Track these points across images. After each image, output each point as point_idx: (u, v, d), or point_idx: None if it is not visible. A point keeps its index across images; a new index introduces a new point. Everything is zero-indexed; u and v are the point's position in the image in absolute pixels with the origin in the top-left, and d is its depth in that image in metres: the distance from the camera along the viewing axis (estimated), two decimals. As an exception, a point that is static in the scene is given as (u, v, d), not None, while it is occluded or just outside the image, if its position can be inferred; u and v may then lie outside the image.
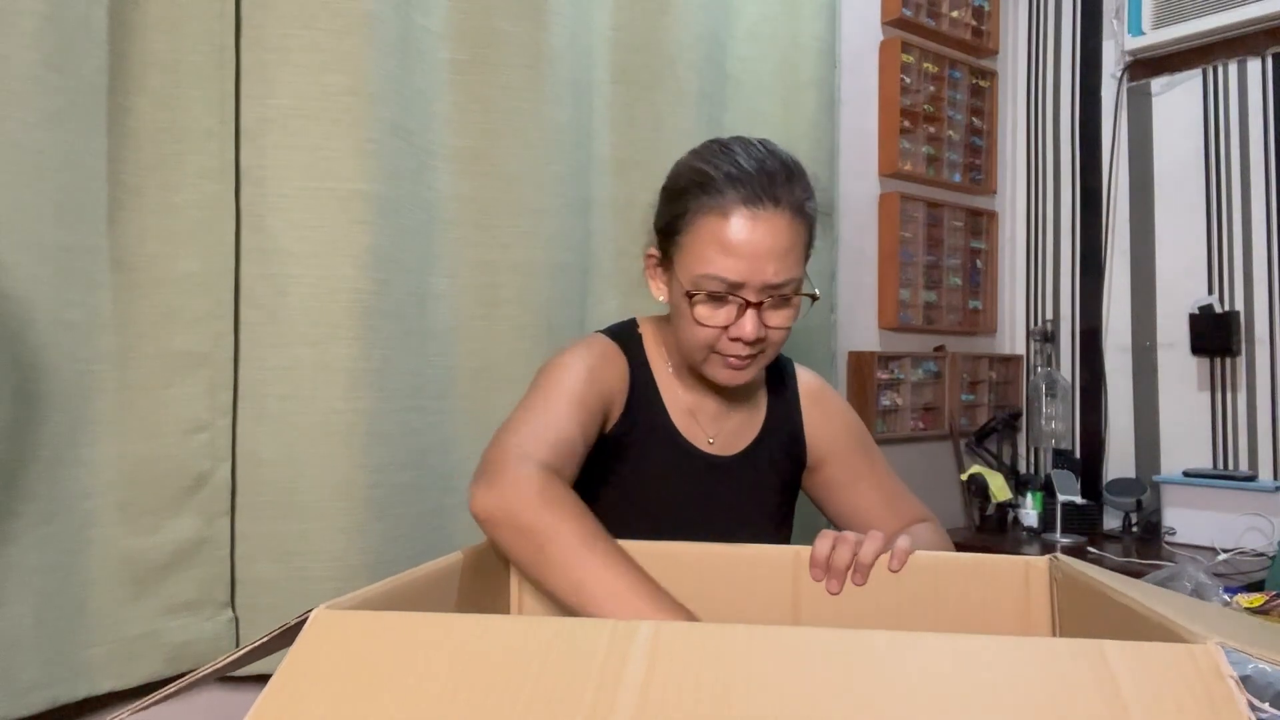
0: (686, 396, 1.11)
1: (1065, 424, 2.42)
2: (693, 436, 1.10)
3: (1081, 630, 0.71)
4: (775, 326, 0.99)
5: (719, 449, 1.12)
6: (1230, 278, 2.19)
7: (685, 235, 0.99)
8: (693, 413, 1.11)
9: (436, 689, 0.39)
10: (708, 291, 0.97)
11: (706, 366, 1.03)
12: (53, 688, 1.05)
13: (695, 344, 1.01)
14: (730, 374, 1.02)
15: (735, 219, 0.95)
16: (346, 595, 0.49)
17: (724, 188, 0.96)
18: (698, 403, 1.11)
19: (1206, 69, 2.24)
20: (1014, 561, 0.81)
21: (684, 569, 0.85)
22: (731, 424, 1.13)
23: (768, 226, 0.95)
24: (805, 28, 1.90)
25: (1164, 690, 0.37)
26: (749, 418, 1.15)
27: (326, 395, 1.24)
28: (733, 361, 1.00)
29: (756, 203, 0.95)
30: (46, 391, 1.04)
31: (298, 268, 1.23)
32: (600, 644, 0.40)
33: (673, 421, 1.09)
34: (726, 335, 0.99)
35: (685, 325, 1.01)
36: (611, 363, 1.06)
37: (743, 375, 1.02)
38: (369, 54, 1.26)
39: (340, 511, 1.24)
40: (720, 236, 0.95)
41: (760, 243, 0.95)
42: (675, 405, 1.10)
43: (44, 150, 1.03)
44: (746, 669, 0.38)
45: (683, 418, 1.10)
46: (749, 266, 0.95)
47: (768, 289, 0.96)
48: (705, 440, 1.11)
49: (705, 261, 0.96)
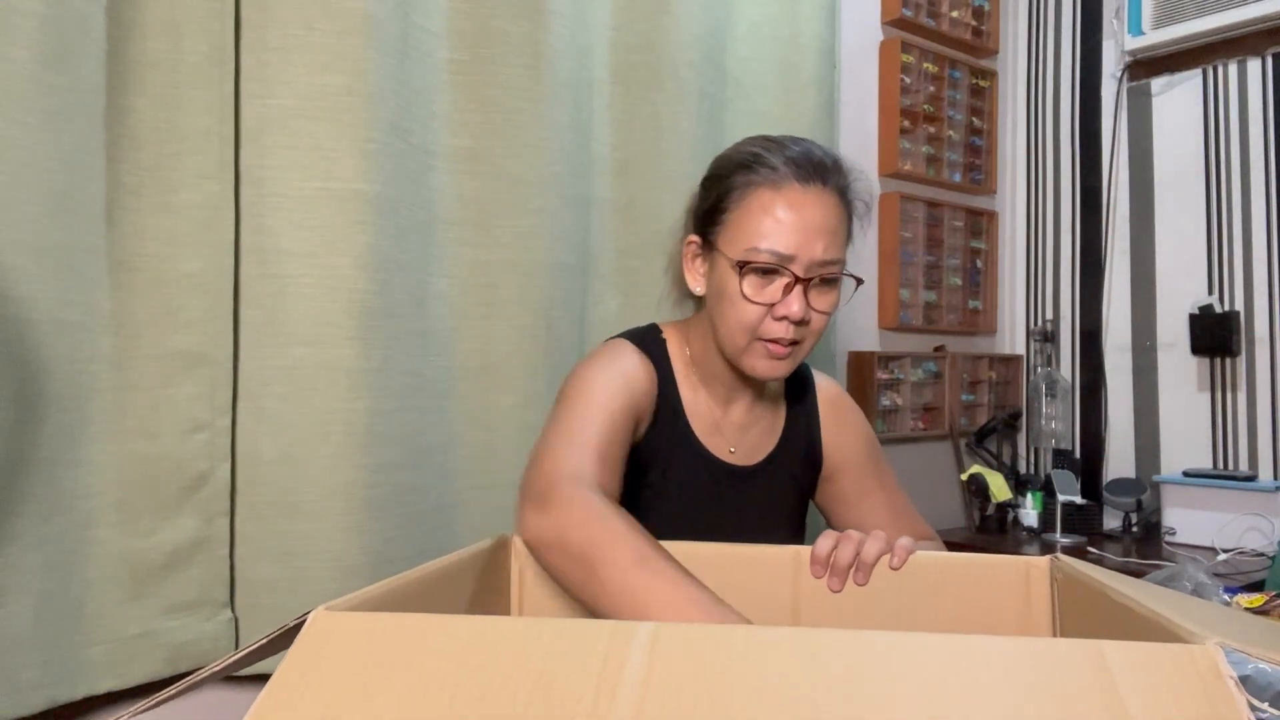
0: (710, 407, 1.10)
1: (1065, 424, 2.42)
2: (715, 447, 1.09)
3: (1082, 631, 0.71)
4: (820, 310, 0.98)
5: (740, 459, 1.11)
6: (1230, 278, 2.19)
7: (733, 211, 0.98)
8: (716, 423, 1.10)
9: (435, 691, 0.38)
10: (758, 264, 0.95)
11: (746, 357, 1.00)
12: (52, 687, 1.05)
13: (738, 327, 0.98)
14: (770, 364, 0.99)
15: (789, 191, 0.95)
16: (345, 596, 0.49)
17: (776, 164, 0.97)
18: (721, 413, 1.11)
19: (1206, 69, 2.24)
20: (1015, 562, 0.81)
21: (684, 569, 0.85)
22: (752, 434, 1.13)
23: (819, 203, 0.96)
24: (805, 28, 1.90)
25: (1163, 691, 0.37)
26: (769, 427, 1.14)
27: (326, 395, 1.24)
28: (774, 349, 0.98)
29: (808, 179, 0.96)
30: (45, 391, 1.04)
31: (297, 267, 1.23)
32: (599, 645, 0.40)
33: (695, 432, 1.08)
34: (771, 315, 0.97)
35: (728, 309, 0.99)
36: (641, 371, 1.04)
37: (782, 366, 1.00)
38: (368, 54, 1.26)
39: (340, 511, 1.24)
40: (772, 208, 0.95)
41: (812, 217, 0.95)
42: (698, 415, 1.09)
43: (43, 150, 1.02)
44: (746, 670, 0.38)
45: (705, 427, 1.09)
46: (800, 240, 0.94)
47: (816, 265, 0.96)
48: (727, 450, 1.10)
49: (756, 234, 0.95)
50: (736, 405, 1.11)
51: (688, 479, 1.07)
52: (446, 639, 0.41)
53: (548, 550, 0.79)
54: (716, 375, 1.08)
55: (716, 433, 1.10)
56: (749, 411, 1.12)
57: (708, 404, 1.10)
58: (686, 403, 1.08)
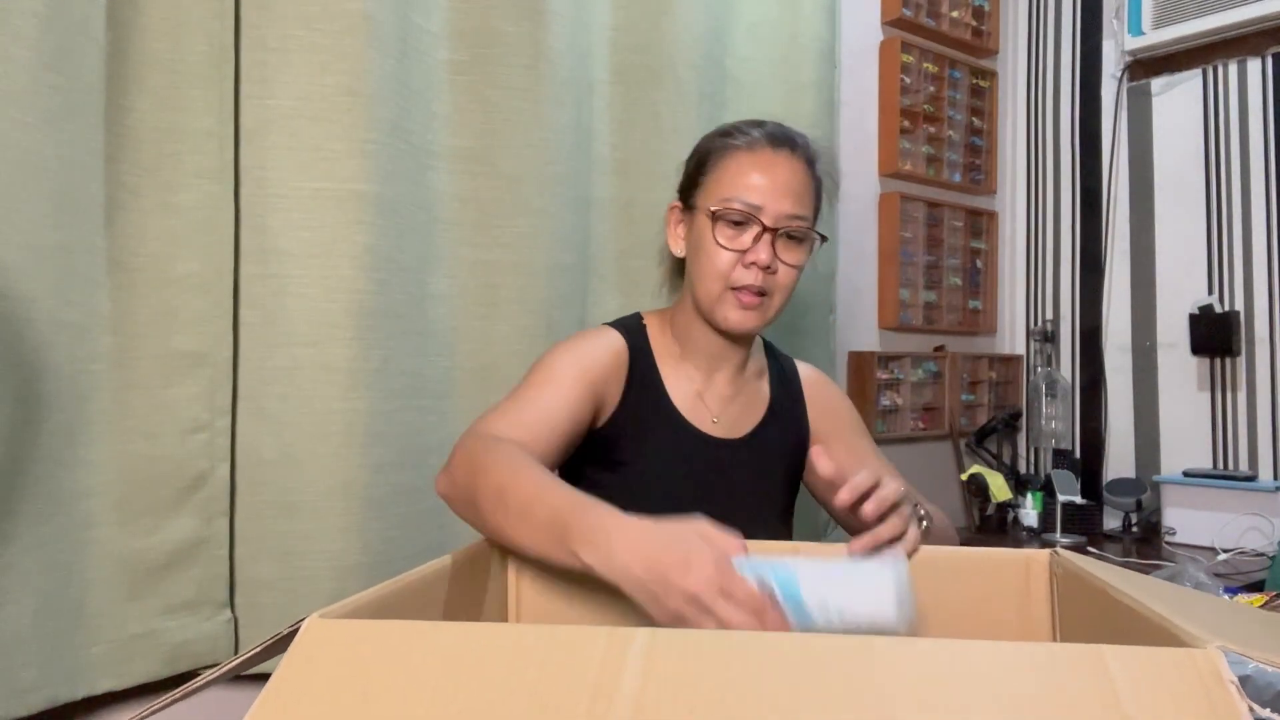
0: (691, 378, 1.14)
1: (1065, 424, 2.42)
2: (696, 418, 1.12)
3: (1081, 625, 0.71)
4: (787, 262, 1.07)
5: (724, 431, 1.13)
6: (1230, 278, 2.19)
7: (710, 174, 1.09)
8: (698, 394, 1.13)
9: (430, 699, 0.38)
10: (731, 211, 1.05)
11: (719, 306, 1.07)
12: (51, 687, 1.05)
13: (712, 273, 1.06)
14: (741, 314, 1.07)
15: (760, 153, 1.07)
16: (339, 603, 0.49)
17: (749, 130, 1.09)
18: (703, 384, 1.14)
19: (1206, 69, 2.24)
20: (1015, 556, 0.80)
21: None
22: (736, 407, 1.15)
23: (787, 164, 1.07)
24: (805, 28, 1.90)
25: (1164, 696, 0.37)
26: (753, 402, 1.17)
27: (326, 395, 1.24)
28: (744, 298, 1.06)
29: (778, 145, 1.08)
30: (45, 392, 1.04)
31: (297, 268, 1.23)
32: (596, 652, 0.39)
33: (674, 403, 1.11)
34: (741, 263, 1.05)
35: (704, 258, 1.07)
36: (607, 347, 1.10)
37: (752, 316, 1.07)
38: (368, 54, 1.26)
39: (339, 511, 1.24)
40: (744, 166, 1.07)
41: (780, 175, 1.06)
42: (678, 387, 1.13)
43: (43, 150, 1.02)
44: (743, 676, 0.38)
45: (686, 399, 1.12)
46: (769, 194, 1.05)
47: (783, 218, 1.05)
48: (709, 421, 1.13)
49: (730, 188, 1.06)
50: (719, 376, 1.15)
51: (666, 449, 1.09)
52: (440, 647, 0.41)
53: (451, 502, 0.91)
54: (698, 346, 1.13)
55: (699, 404, 1.13)
56: (732, 383, 1.15)
57: (689, 377, 1.14)
58: (666, 376, 1.13)
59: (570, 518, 0.75)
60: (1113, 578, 0.64)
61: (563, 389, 1.02)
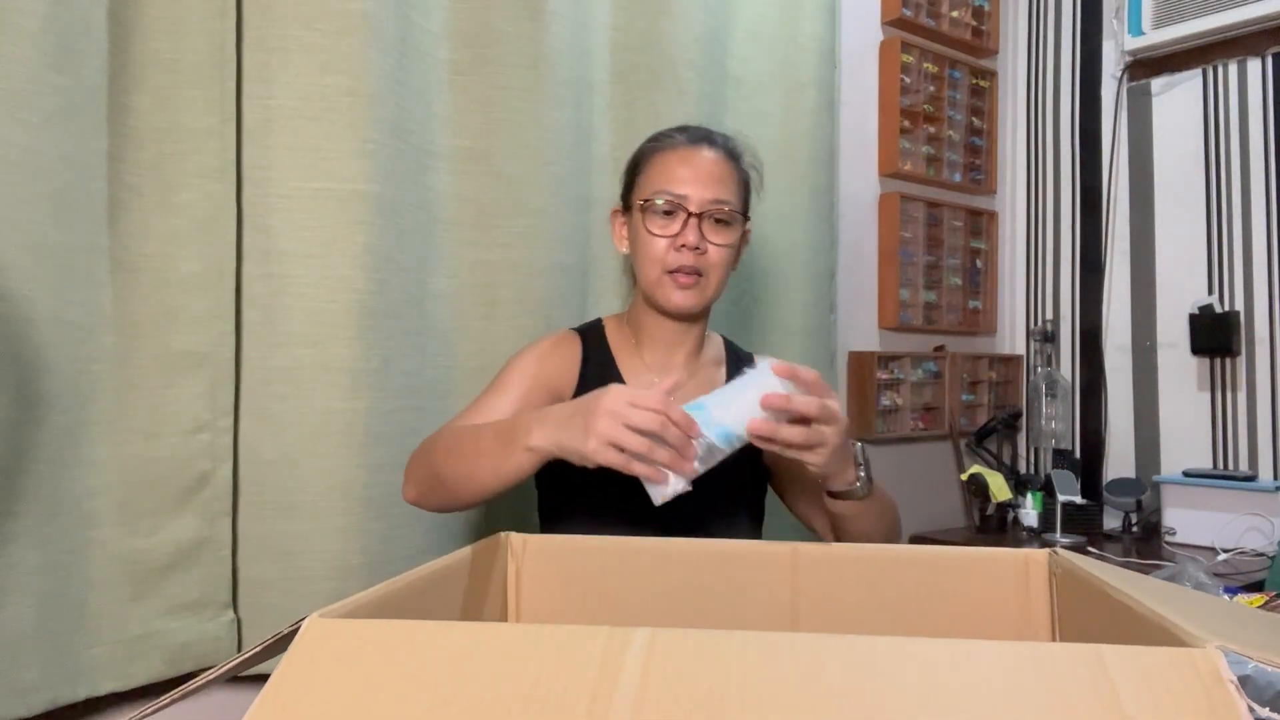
0: (648, 365, 1.22)
1: (1065, 424, 2.42)
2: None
3: (1080, 626, 0.71)
4: (715, 243, 1.15)
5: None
6: (1230, 278, 2.19)
7: (641, 175, 1.20)
8: (651, 372, 1.21)
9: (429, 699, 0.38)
10: (660, 202, 1.15)
11: (660, 291, 1.16)
12: (53, 688, 1.05)
13: (649, 260, 1.16)
14: (681, 294, 1.16)
15: (681, 150, 1.18)
16: (339, 602, 0.49)
17: (673, 134, 1.21)
18: (656, 360, 1.22)
19: (1206, 69, 2.24)
20: (1014, 556, 0.81)
21: (681, 566, 0.85)
22: (693, 386, 1.21)
23: (708, 158, 1.17)
24: (805, 28, 1.90)
25: (1164, 696, 0.37)
26: (711, 382, 1.22)
27: (327, 395, 1.24)
28: (681, 279, 1.15)
29: (697, 141, 1.19)
30: (47, 391, 1.04)
31: (298, 268, 1.23)
32: (595, 651, 0.39)
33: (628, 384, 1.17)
34: (673, 246, 1.15)
35: (642, 248, 1.17)
36: (560, 347, 1.21)
37: (692, 296, 1.16)
38: (368, 54, 1.26)
39: (340, 511, 1.24)
40: (669, 163, 1.17)
41: (700, 167, 1.16)
42: (634, 374, 1.21)
43: (44, 150, 1.03)
44: (743, 676, 0.38)
45: (639, 380, 1.20)
46: (691, 183, 1.15)
47: (707, 203, 1.14)
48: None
49: (657, 182, 1.16)
50: (674, 360, 1.23)
51: None
52: (440, 646, 0.41)
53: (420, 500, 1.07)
54: (651, 334, 1.22)
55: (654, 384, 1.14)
56: (686, 366, 1.23)
57: (646, 364, 1.22)
58: (621, 364, 1.22)
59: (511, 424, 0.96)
60: (1112, 577, 0.64)
61: (514, 394, 1.14)
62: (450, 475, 1.00)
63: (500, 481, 0.95)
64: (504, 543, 0.87)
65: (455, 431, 1.04)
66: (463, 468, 0.98)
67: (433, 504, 1.06)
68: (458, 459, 0.99)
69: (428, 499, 1.06)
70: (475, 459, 0.97)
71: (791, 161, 1.88)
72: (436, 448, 1.04)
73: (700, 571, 0.85)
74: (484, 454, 0.96)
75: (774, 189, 1.86)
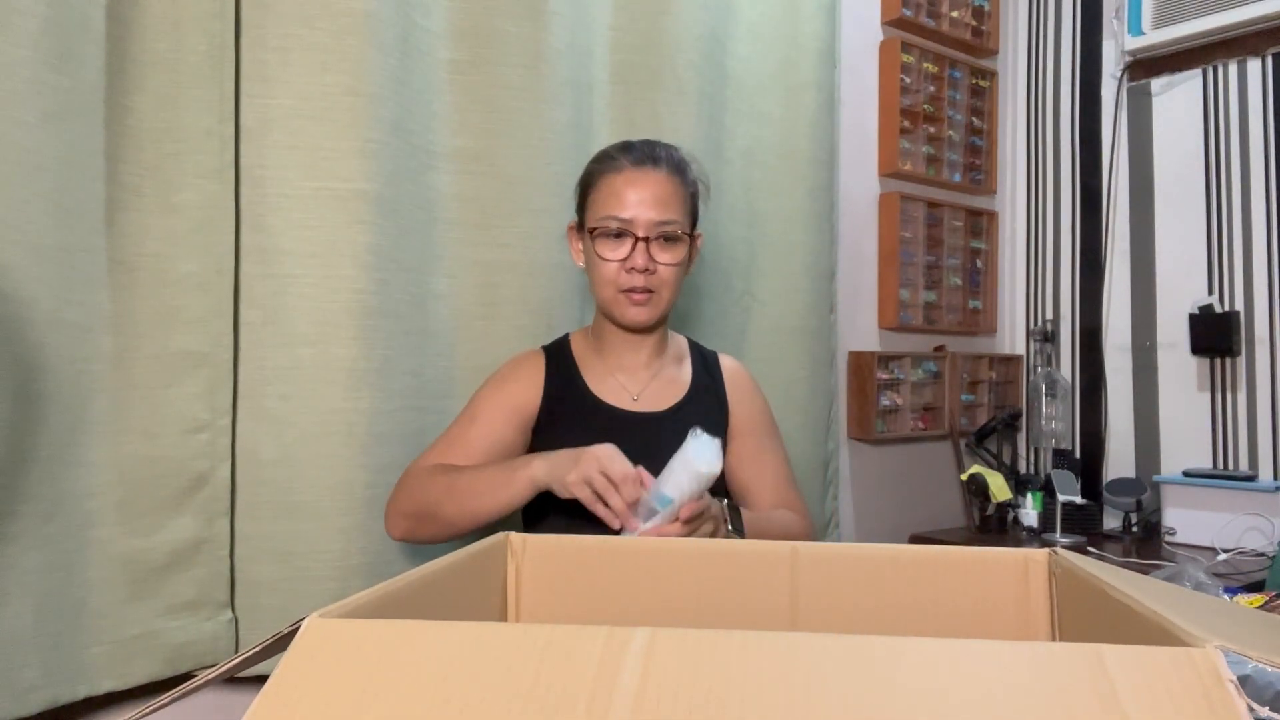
0: (609, 361, 1.27)
1: (1065, 424, 2.42)
2: (615, 398, 1.25)
3: (1080, 626, 0.71)
4: (663, 262, 1.21)
5: (645, 405, 1.27)
6: (1230, 278, 2.19)
7: (590, 196, 1.24)
8: (615, 375, 1.27)
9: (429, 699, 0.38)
10: (606, 229, 1.20)
11: (615, 308, 1.22)
12: (52, 688, 1.05)
13: (602, 282, 1.22)
14: (635, 310, 1.21)
15: (626, 173, 1.21)
16: (339, 602, 0.49)
17: (617, 155, 1.24)
18: (619, 362, 1.27)
19: (1206, 69, 2.24)
20: (1013, 556, 0.80)
21: (681, 565, 0.85)
22: (657, 384, 1.28)
23: (652, 178, 1.20)
24: (805, 27, 1.90)
25: (1163, 695, 0.37)
26: (675, 380, 1.30)
27: (326, 395, 1.24)
28: (635, 297, 1.21)
29: (642, 163, 1.21)
30: (46, 391, 1.04)
31: (298, 267, 1.23)
32: (594, 652, 0.39)
33: (591, 389, 1.25)
34: (623, 269, 1.20)
35: (594, 270, 1.23)
36: (520, 368, 1.27)
37: (645, 311, 1.22)
38: (369, 54, 1.26)
39: (339, 511, 1.24)
40: (615, 187, 1.20)
41: (645, 189, 1.20)
42: (598, 379, 1.26)
43: (43, 150, 1.03)
44: (742, 676, 0.38)
45: (604, 383, 1.26)
46: (637, 207, 1.19)
47: (653, 225, 1.19)
48: (629, 399, 1.26)
49: (605, 207, 1.21)
50: (635, 361, 1.28)
51: (588, 431, 1.17)
52: (440, 646, 0.41)
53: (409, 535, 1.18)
54: (611, 340, 1.27)
55: (618, 388, 1.27)
56: (649, 366, 1.29)
57: (609, 368, 1.27)
58: (585, 371, 1.27)
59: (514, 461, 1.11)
60: (1112, 577, 0.64)
61: (481, 420, 1.21)
62: (450, 512, 1.12)
63: (499, 509, 1.10)
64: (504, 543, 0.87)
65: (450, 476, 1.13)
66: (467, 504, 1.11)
67: (421, 537, 1.17)
68: (460, 497, 1.11)
69: (416, 533, 1.17)
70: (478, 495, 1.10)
71: (791, 161, 1.88)
72: (430, 488, 1.14)
73: (700, 571, 0.85)
74: (489, 486, 1.10)
75: (774, 189, 1.86)
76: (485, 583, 0.82)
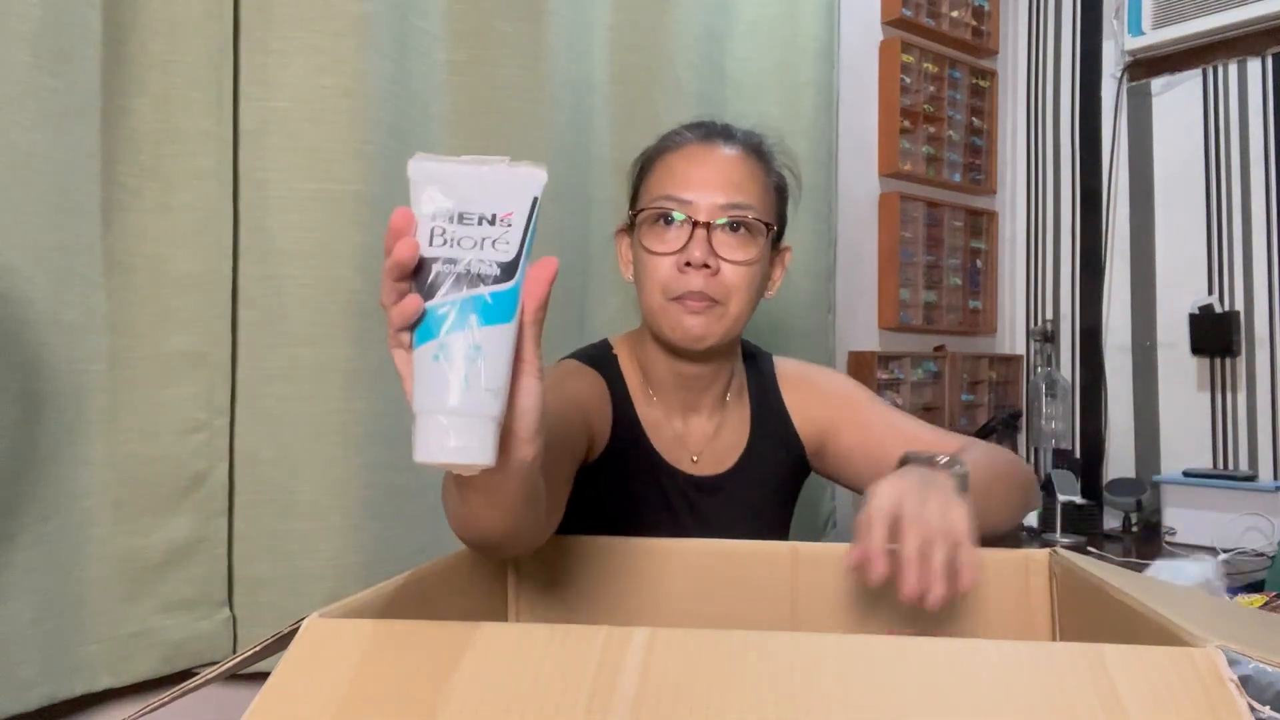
0: (668, 418, 1.05)
1: (1065, 424, 2.42)
2: (675, 458, 1.04)
3: (1080, 625, 0.71)
4: (731, 259, 0.93)
5: (705, 468, 1.06)
6: (1230, 278, 2.19)
7: (646, 182, 1.00)
8: (677, 435, 1.05)
9: (429, 698, 0.38)
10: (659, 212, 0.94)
11: (666, 320, 0.95)
12: (50, 684, 1.05)
13: (651, 286, 0.95)
14: (692, 321, 0.93)
15: (688, 149, 0.97)
16: (339, 602, 0.49)
17: (682, 132, 1.00)
18: (681, 424, 1.06)
19: (1206, 69, 2.23)
20: (1014, 556, 0.80)
21: (680, 565, 0.85)
22: (718, 443, 1.07)
23: (721, 155, 0.96)
24: (804, 28, 1.90)
25: (1163, 695, 0.37)
26: (735, 431, 1.08)
27: (324, 395, 1.24)
28: (690, 304, 0.93)
29: (707, 138, 0.98)
30: (43, 392, 1.04)
31: (295, 268, 1.23)
32: (594, 651, 0.39)
33: (653, 445, 1.03)
34: (678, 266, 0.93)
35: (641, 272, 0.97)
36: (590, 392, 0.99)
37: (703, 323, 0.93)
38: (367, 56, 1.26)
39: (337, 511, 1.24)
40: (673, 164, 0.97)
41: (712, 166, 0.95)
42: (657, 430, 1.04)
43: (40, 151, 1.02)
44: (742, 676, 0.38)
45: (664, 439, 1.04)
46: (699, 186, 0.93)
47: (719, 209, 0.93)
48: (689, 460, 1.05)
49: (658, 187, 0.96)
50: (697, 415, 1.06)
51: (646, 493, 1.03)
52: (439, 647, 0.41)
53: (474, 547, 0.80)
54: (669, 383, 1.03)
55: (677, 445, 1.05)
56: (710, 419, 1.07)
57: (665, 416, 1.05)
58: (643, 417, 1.03)
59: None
60: (1112, 577, 0.64)
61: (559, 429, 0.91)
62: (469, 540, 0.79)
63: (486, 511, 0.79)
64: (503, 543, 0.87)
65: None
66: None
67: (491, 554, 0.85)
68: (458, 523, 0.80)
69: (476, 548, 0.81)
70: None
71: (790, 161, 1.88)
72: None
73: (700, 571, 0.85)
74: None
75: (773, 189, 1.86)
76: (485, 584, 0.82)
